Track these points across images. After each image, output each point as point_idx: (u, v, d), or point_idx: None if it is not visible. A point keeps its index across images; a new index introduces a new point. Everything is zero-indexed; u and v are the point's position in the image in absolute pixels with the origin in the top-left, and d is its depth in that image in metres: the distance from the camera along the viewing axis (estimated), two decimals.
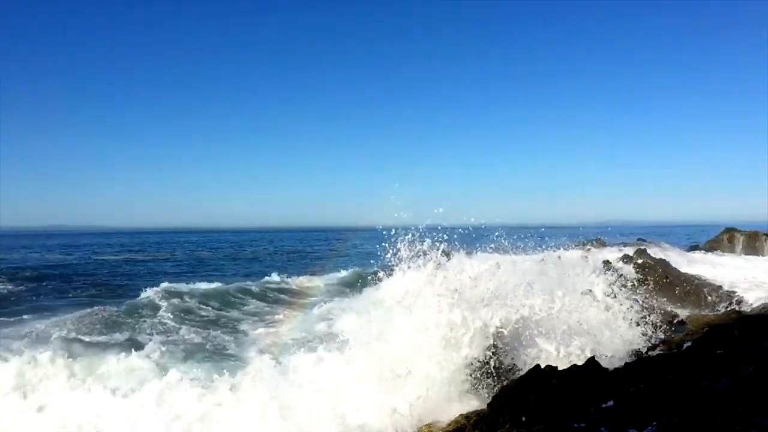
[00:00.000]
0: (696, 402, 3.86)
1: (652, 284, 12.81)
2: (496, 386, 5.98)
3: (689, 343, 7.22)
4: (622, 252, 19.92)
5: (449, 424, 5.47)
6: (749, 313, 10.00)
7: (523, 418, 4.65)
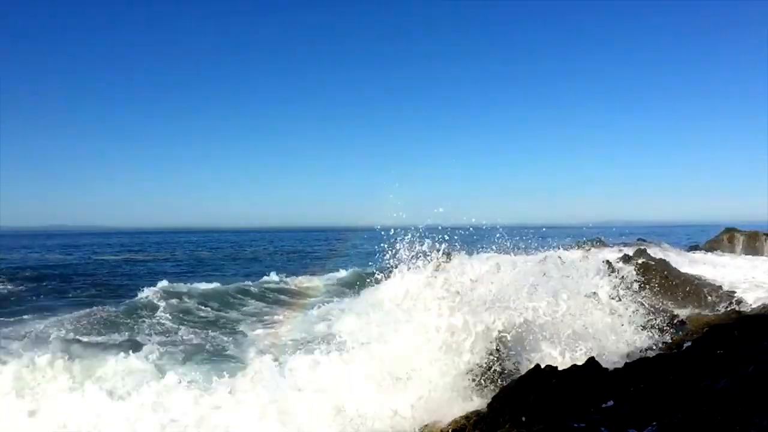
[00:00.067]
0: (696, 402, 3.86)
1: (653, 284, 12.80)
2: (496, 387, 5.93)
3: (689, 343, 7.22)
4: (622, 252, 19.92)
5: (449, 425, 5.46)
6: (749, 313, 9.98)
7: (523, 418, 4.65)
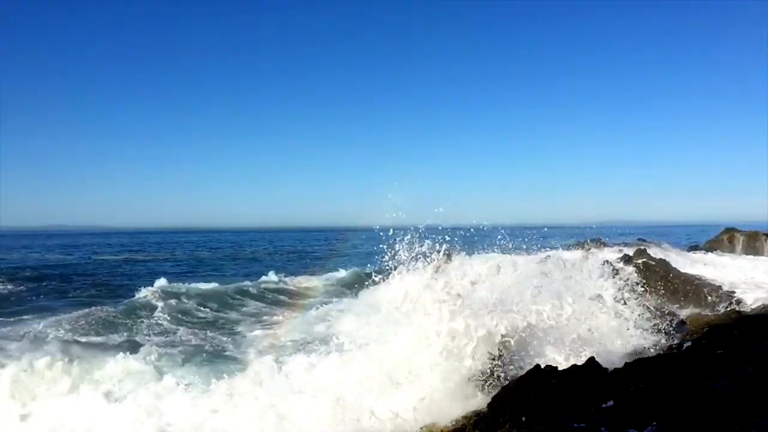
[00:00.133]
0: (696, 402, 3.86)
1: (653, 284, 12.80)
2: (497, 387, 5.88)
3: (689, 343, 7.21)
4: (622, 252, 19.91)
5: (449, 425, 5.45)
6: (749, 313, 9.99)
7: (523, 418, 4.65)
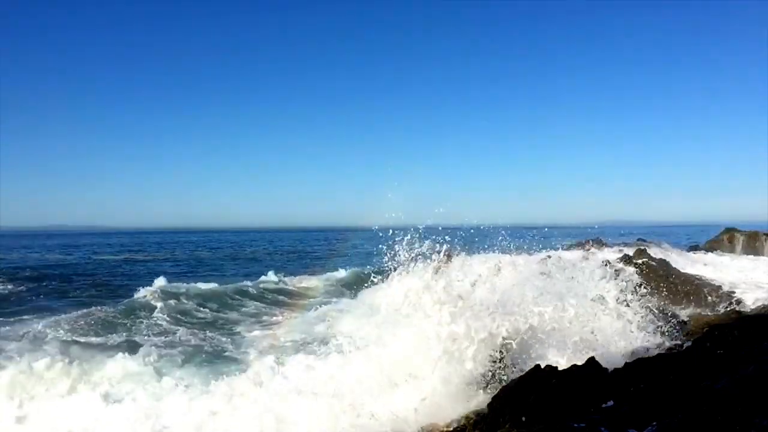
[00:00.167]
0: (696, 402, 3.85)
1: (653, 284, 12.79)
2: (497, 387, 5.87)
3: (689, 343, 7.20)
4: (622, 252, 19.90)
5: (449, 425, 5.45)
6: (749, 313, 9.98)
7: (523, 418, 4.65)
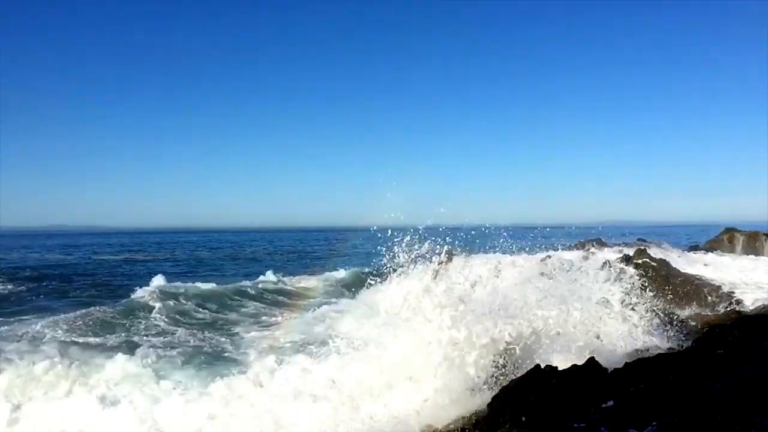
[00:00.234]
0: (696, 402, 3.86)
1: (653, 284, 12.79)
2: (497, 387, 5.83)
3: (689, 343, 7.21)
4: (622, 252, 19.89)
5: (449, 425, 5.45)
6: (749, 313, 9.98)
7: (523, 418, 4.64)
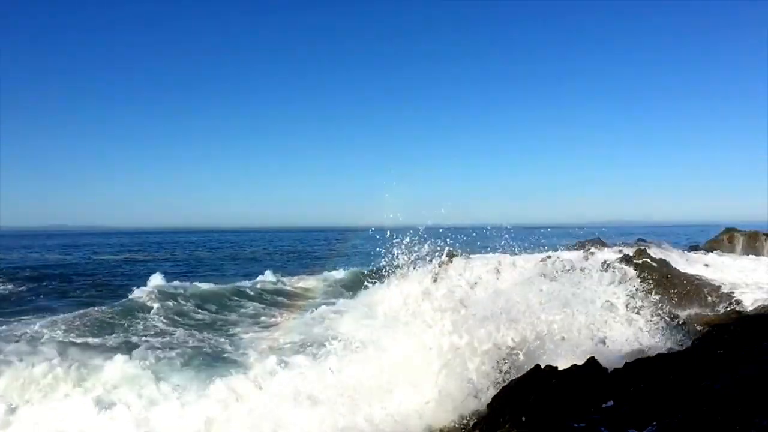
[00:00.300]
0: (696, 402, 3.86)
1: (653, 284, 12.80)
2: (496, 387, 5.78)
3: (689, 343, 7.21)
4: (622, 252, 19.89)
5: (449, 424, 5.44)
6: (749, 313, 10.00)
7: (523, 418, 4.64)
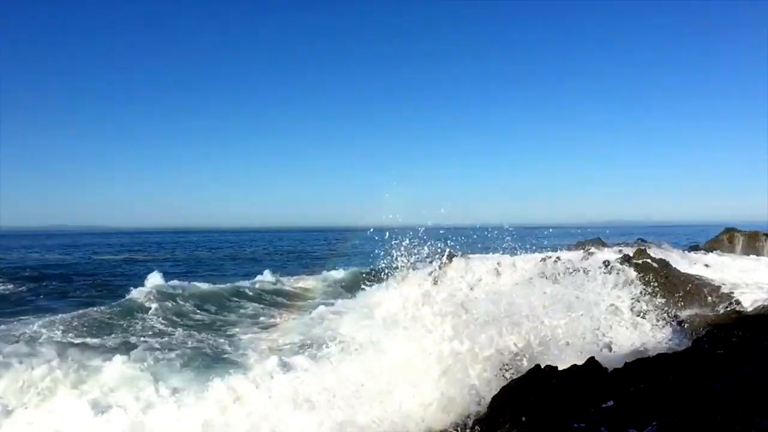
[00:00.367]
0: (696, 402, 3.85)
1: (653, 285, 12.78)
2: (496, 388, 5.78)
3: (689, 343, 7.21)
4: (622, 252, 19.87)
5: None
6: (749, 313, 9.97)
7: (523, 418, 4.64)
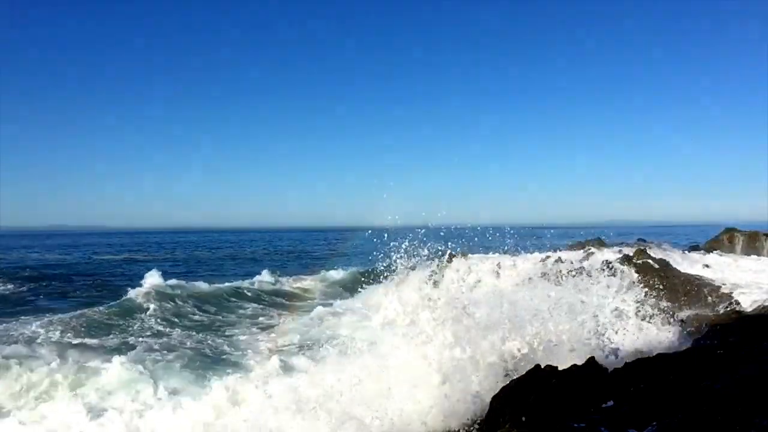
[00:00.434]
0: (696, 402, 3.85)
1: (653, 285, 12.79)
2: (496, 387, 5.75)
3: (689, 343, 7.21)
4: (622, 252, 19.88)
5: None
6: (749, 313, 9.96)
7: (523, 418, 4.64)
